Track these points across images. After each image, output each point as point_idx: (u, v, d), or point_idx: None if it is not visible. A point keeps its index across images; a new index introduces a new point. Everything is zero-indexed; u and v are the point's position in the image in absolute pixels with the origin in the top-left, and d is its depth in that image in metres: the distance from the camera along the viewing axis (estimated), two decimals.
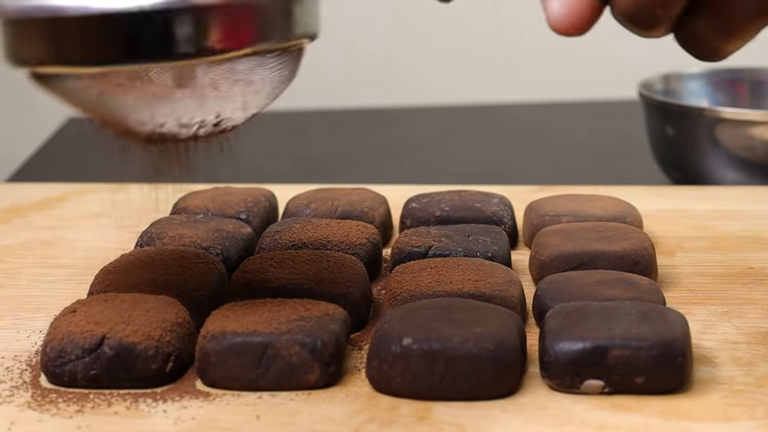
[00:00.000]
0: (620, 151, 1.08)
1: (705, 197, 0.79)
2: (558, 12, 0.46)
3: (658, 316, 0.52)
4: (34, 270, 0.68)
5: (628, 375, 0.49)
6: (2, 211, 0.79)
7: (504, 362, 0.50)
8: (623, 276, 0.58)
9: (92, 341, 0.52)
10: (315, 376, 0.51)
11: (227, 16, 0.47)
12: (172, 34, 0.46)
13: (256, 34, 0.48)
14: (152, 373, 0.52)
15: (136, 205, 0.66)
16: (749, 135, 0.84)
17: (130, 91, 0.48)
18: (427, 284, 0.57)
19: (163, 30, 0.46)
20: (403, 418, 0.49)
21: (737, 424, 0.48)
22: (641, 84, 0.92)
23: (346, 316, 0.54)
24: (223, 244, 0.65)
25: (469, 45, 1.52)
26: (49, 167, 1.10)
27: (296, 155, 1.11)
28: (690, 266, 0.66)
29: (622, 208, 0.70)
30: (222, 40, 0.47)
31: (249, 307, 0.53)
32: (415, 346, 0.50)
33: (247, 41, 0.48)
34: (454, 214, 0.69)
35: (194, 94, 0.49)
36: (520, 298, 0.58)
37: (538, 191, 0.79)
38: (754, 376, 0.52)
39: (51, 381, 0.52)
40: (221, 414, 0.49)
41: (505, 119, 1.28)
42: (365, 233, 0.65)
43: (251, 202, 0.72)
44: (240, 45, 0.48)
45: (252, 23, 0.48)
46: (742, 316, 0.58)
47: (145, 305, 0.54)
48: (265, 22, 0.49)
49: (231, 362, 0.51)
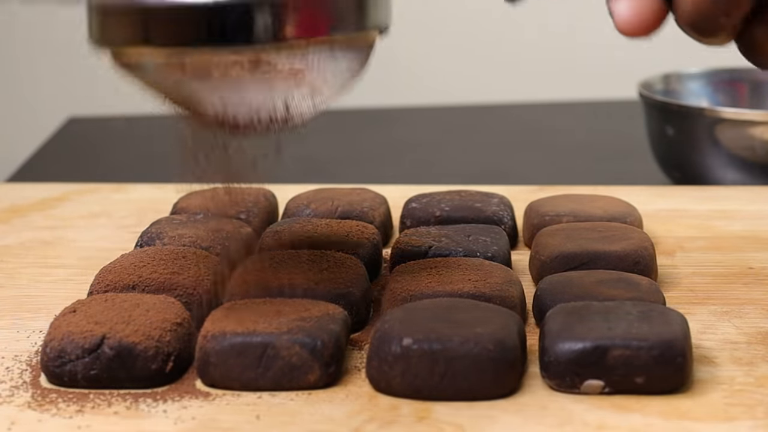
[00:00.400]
0: (620, 151, 1.08)
1: (705, 197, 0.79)
2: (625, 15, 0.48)
3: (658, 316, 0.52)
4: (34, 270, 0.68)
5: (628, 375, 0.49)
6: (2, 211, 0.79)
7: (504, 362, 0.50)
8: (623, 276, 0.58)
9: (92, 341, 0.52)
10: (315, 376, 0.51)
11: (302, 6, 0.49)
12: (248, 22, 0.48)
13: (329, 24, 0.50)
14: (152, 373, 0.52)
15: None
16: (749, 135, 0.84)
17: (205, 76, 0.50)
18: (427, 284, 0.57)
19: (240, 18, 0.48)
20: (403, 418, 0.49)
21: (737, 424, 0.48)
22: (641, 84, 0.92)
23: (346, 316, 0.54)
24: (223, 244, 0.65)
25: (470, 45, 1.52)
26: (49, 167, 1.10)
27: (296, 155, 1.11)
28: (690, 266, 0.66)
29: (622, 208, 0.70)
30: (296, 30, 0.49)
31: (249, 307, 0.53)
32: (415, 346, 0.50)
33: (320, 31, 0.50)
34: (454, 214, 0.69)
35: (267, 81, 0.50)
36: (520, 298, 0.58)
37: (538, 191, 0.79)
38: (754, 376, 0.52)
39: (51, 381, 0.52)
40: (221, 414, 0.49)
41: (505, 119, 1.28)
42: (365, 233, 0.65)
43: (251, 202, 0.72)
44: (313, 34, 0.50)
45: (325, 14, 0.50)
46: (742, 316, 0.58)
47: (145, 305, 0.54)
48: (338, 13, 0.50)
49: (231, 362, 0.51)
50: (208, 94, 0.51)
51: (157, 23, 0.49)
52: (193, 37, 0.49)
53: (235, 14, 0.48)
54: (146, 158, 1.13)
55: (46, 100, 1.50)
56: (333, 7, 0.50)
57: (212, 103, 0.51)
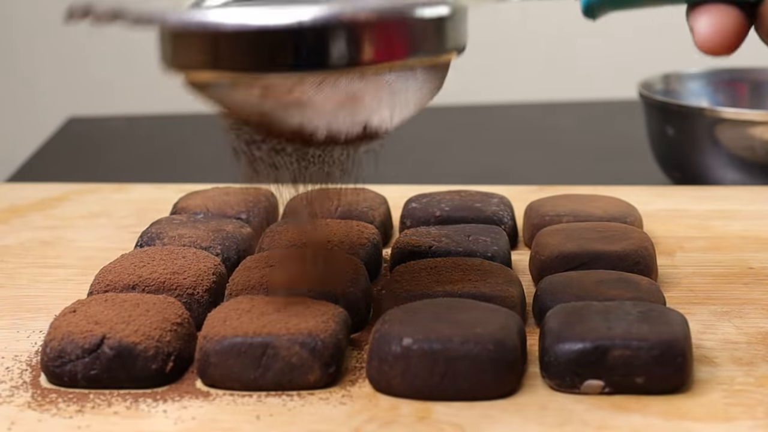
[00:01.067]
0: (620, 151, 1.08)
1: (705, 197, 0.79)
2: (705, 32, 0.48)
3: (658, 316, 0.52)
4: (34, 270, 0.68)
5: (629, 375, 0.49)
6: (2, 211, 0.79)
7: (504, 362, 0.50)
8: (623, 276, 0.58)
9: (92, 341, 0.52)
10: (315, 376, 0.51)
11: (379, 30, 0.48)
12: (324, 46, 0.47)
13: (407, 48, 0.49)
14: (152, 373, 0.52)
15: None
16: (749, 135, 0.84)
17: (282, 98, 0.49)
18: (427, 284, 0.57)
19: (316, 43, 0.47)
20: (403, 418, 0.49)
21: (737, 424, 0.48)
22: (641, 84, 0.92)
23: (346, 316, 0.54)
24: (223, 244, 0.65)
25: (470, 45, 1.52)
26: (49, 167, 1.10)
27: None
28: (690, 266, 0.66)
29: (623, 208, 0.70)
30: (373, 54, 0.48)
31: (249, 307, 0.53)
32: (415, 346, 0.50)
33: (397, 55, 0.49)
34: (454, 214, 0.69)
35: (344, 103, 0.50)
36: (520, 298, 0.58)
37: (538, 191, 0.79)
38: (754, 376, 0.52)
39: (51, 381, 0.52)
40: (221, 414, 0.49)
41: (505, 119, 1.28)
42: (365, 233, 0.65)
43: (251, 202, 0.72)
44: (390, 58, 0.49)
45: (404, 37, 0.49)
46: (742, 316, 0.58)
47: (145, 305, 0.54)
48: (416, 36, 0.49)
49: (231, 362, 0.51)
50: (285, 115, 0.50)
51: (230, 48, 0.48)
52: (269, 62, 0.48)
53: (312, 38, 0.47)
54: (146, 158, 1.13)
55: (46, 100, 1.50)
56: (412, 30, 0.49)
57: (290, 123, 0.50)
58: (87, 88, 1.49)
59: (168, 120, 1.30)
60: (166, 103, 1.41)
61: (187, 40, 0.49)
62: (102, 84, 1.49)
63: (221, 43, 0.48)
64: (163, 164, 1.10)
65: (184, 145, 1.19)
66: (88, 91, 1.49)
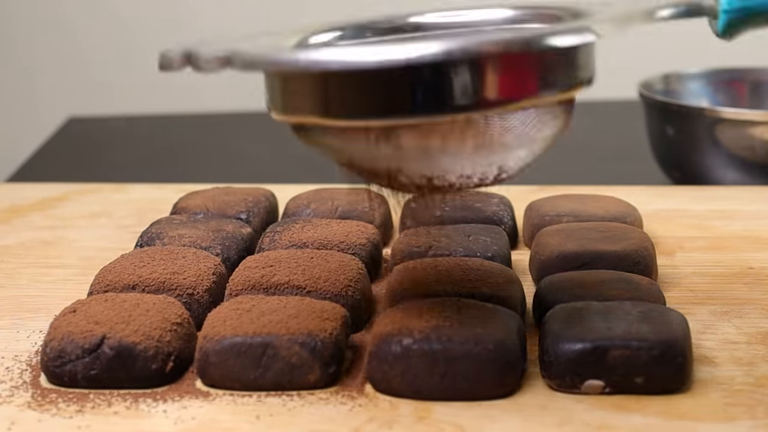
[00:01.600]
0: (620, 151, 1.08)
1: (705, 197, 0.79)
2: None
3: (658, 316, 0.52)
4: (34, 270, 0.68)
5: (629, 375, 0.49)
6: (2, 211, 0.79)
7: (504, 362, 0.50)
8: (623, 276, 0.58)
9: (92, 341, 0.52)
10: (315, 376, 0.51)
11: (505, 66, 0.43)
12: (446, 87, 0.43)
13: (536, 85, 0.45)
14: (152, 373, 0.52)
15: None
16: (749, 135, 0.84)
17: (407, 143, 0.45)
18: (427, 284, 0.57)
19: (437, 84, 0.43)
20: (403, 418, 0.49)
21: (737, 424, 0.48)
22: (641, 84, 0.92)
23: (346, 316, 0.54)
24: (223, 244, 0.65)
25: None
26: (49, 167, 1.10)
27: (296, 155, 1.11)
28: (690, 266, 0.66)
29: (623, 208, 0.70)
30: (499, 92, 0.43)
31: (249, 307, 0.53)
32: (415, 346, 0.50)
33: (527, 92, 0.44)
34: (454, 214, 0.69)
35: (474, 145, 0.45)
36: (520, 298, 0.58)
37: (538, 191, 0.79)
38: (754, 376, 0.52)
39: (51, 381, 0.52)
40: (221, 414, 0.49)
41: None
42: (365, 233, 0.65)
43: (251, 202, 0.72)
44: (519, 97, 0.44)
45: (532, 74, 0.44)
46: (742, 316, 0.58)
47: (145, 305, 0.54)
48: (547, 72, 0.45)
49: (231, 362, 0.51)
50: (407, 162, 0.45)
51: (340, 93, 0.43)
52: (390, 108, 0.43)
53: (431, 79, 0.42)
54: (146, 158, 1.13)
55: (46, 100, 1.50)
56: (542, 66, 0.44)
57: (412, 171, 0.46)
58: (87, 88, 1.49)
59: (168, 120, 1.30)
60: (166, 103, 1.42)
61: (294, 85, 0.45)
62: (102, 84, 1.49)
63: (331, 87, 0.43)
64: (163, 164, 1.10)
65: (184, 145, 1.19)
66: (88, 91, 1.49)
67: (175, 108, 1.38)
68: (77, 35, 1.48)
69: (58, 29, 1.48)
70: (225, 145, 1.17)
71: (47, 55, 1.49)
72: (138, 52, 1.48)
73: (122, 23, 1.47)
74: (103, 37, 1.48)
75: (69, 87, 1.50)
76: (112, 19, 1.48)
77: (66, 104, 1.42)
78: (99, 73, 1.49)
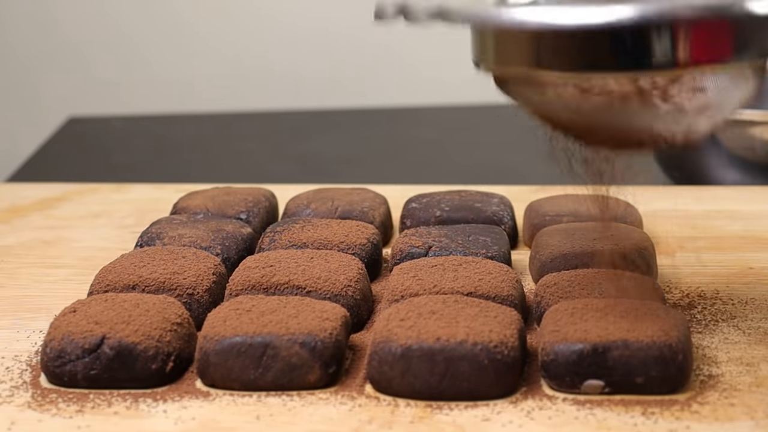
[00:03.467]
0: None
1: (705, 197, 0.79)
2: None
3: (658, 316, 0.52)
4: (34, 270, 0.68)
5: (628, 375, 0.49)
6: (2, 211, 0.79)
7: (504, 362, 0.50)
8: (623, 276, 0.58)
9: (92, 341, 0.52)
10: (315, 376, 0.51)
11: (705, 31, 0.47)
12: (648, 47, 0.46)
13: (731, 50, 0.48)
14: (152, 373, 0.52)
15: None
16: (749, 135, 0.84)
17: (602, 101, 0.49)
18: (427, 284, 0.57)
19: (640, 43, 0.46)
20: (403, 418, 0.49)
21: (737, 424, 0.48)
22: None
23: (346, 316, 0.54)
24: (223, 244, 0.65)
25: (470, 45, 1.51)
26: (49, 167, 1.10)
27: (296, 155, 1.11)
28: (690, 266, 0.66)
29: (622, 208, 0.70)
30: (697, 55, 0.47)
31: (249, 307, 0.53)
32: (415, 347, 0.50)
33: (723, 57, 0.48)
34: (454, 214, 0.69)
35: (671, 105, 0.49)
36: (520, 298, 0.58)
37: (538, 191, 0.79)
38: (754, 376, 0.52)
39: (51, 381, 0.52)
40: (221, 414, 0.49)
41: (505, 119, 1.28)
42: (365, 233, 0.65)
43: (251, 202, 0.72)
44: (714, 60, 0.48)
45: (729, 39, 0.48)
46: (742, 316, 0.58)
47: (145, 305, 0.54)
48: (741, 38, 0.48)
49: (231, 362, 0.51)
50: (602, 118, 0.49)
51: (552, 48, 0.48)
52: (590, 62, 0.47)
53: (635, 39, 0.46)
54: (146, 158, 1.13)
55: (46, 100, 1.50)
56: (737, 33, 0.48)
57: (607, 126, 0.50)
58: (87, 88, 1.49)
59: (168, 120, 1.30)
60: (166, 103, 1.42)
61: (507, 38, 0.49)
62: (102, 84, 1.49)
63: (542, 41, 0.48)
64: (163, 164, 1.11)
65: (184, 145, 1.19)
66: (88, 91, 1.49)
67: (175, 108, 1.38)
68: (78, 35, 1.48)
69: (59, 29, 1.48)
70: (225, 145, 1.17)
71: (48, 55, 1.49)
72: (138, 52, 1.48)
73: (122, 23, 1.48)
74: (104, 37, 1.48)
75: (69, 87, 1.50)
76: (112, 19, 1.48)
77: (66, 104, 1.42)
78: (99, 73, 1.49)
